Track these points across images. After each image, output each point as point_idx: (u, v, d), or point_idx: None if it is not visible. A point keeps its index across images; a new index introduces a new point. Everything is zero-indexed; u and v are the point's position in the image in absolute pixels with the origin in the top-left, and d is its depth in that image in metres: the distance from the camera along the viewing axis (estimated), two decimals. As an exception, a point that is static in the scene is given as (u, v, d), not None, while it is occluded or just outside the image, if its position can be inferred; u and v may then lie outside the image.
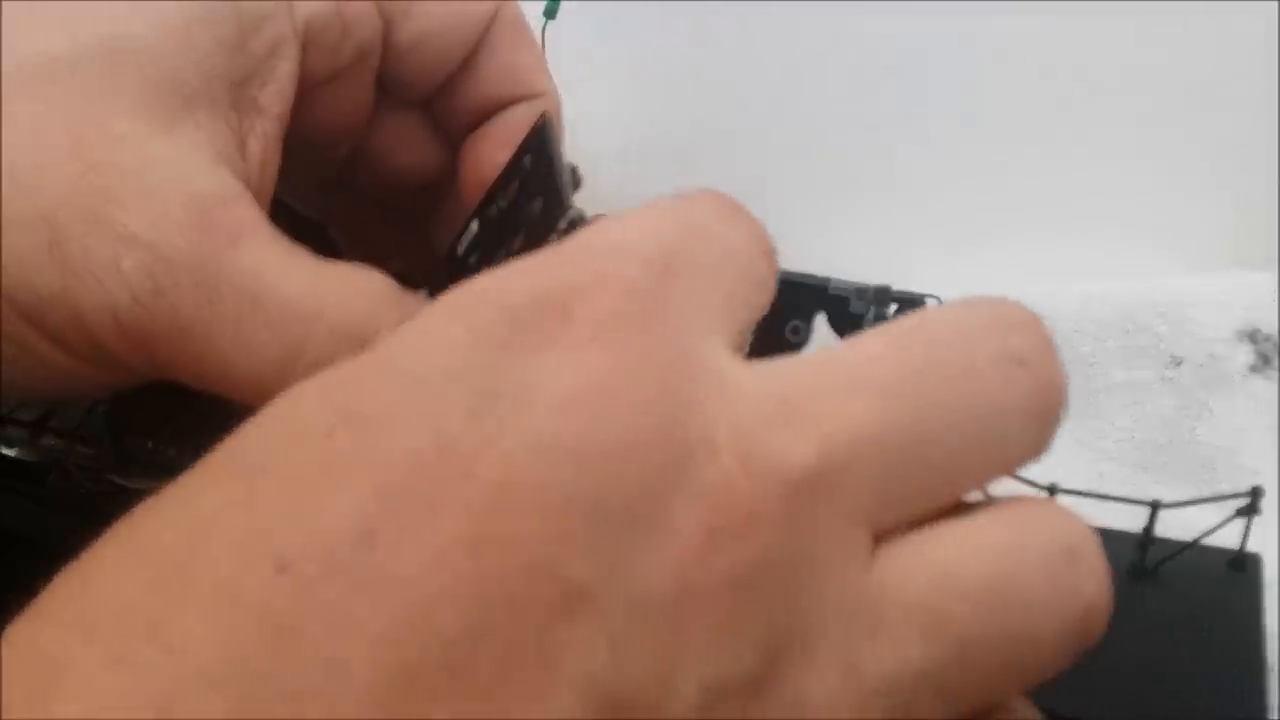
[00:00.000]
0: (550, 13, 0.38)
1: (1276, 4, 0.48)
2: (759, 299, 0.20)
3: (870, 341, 0.19)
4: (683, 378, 0.17)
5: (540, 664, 0.15)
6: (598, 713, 0.15)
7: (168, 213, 0.24)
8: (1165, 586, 0.33)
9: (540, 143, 0.29)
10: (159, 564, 0.16)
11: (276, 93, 0.26)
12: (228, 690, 0.14)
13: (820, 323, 0.36)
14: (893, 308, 0.39)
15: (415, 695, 0.15)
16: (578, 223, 0.31)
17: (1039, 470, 0.33)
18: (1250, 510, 0.32)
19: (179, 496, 0.17)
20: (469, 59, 0.31)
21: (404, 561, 0.15)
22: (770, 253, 0.21)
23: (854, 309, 0.38)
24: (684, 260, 0.19)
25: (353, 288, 0.25)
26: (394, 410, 0.16)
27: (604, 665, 0.15)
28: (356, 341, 0.24)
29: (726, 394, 0.17)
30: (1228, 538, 0.33)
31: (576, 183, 0.31)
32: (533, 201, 0.30)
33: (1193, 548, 0.33)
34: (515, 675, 0.15)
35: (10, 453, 0.32)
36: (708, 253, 0.19)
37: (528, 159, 0.29)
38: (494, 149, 0.30)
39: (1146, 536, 0.33)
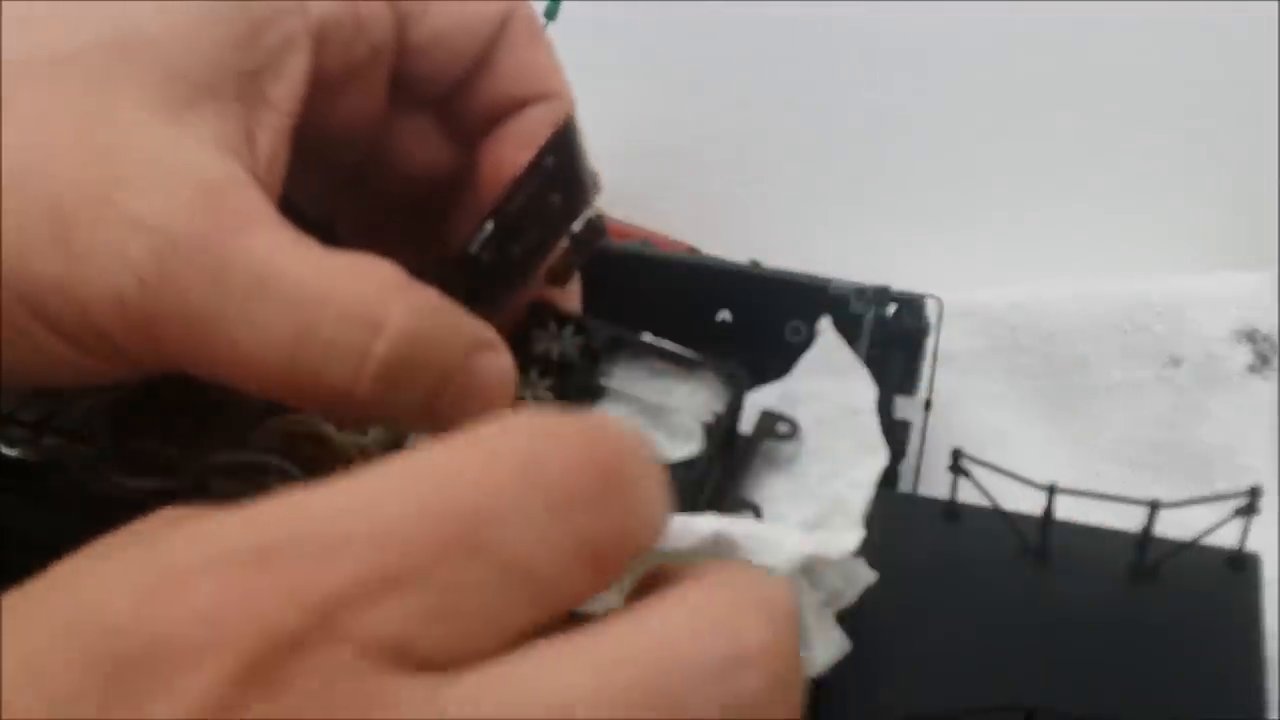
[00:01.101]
0: (551, 14, 0.38)
1: (1276, 4, 0.48)
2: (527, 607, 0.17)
3: (561, 664, 0.17)
4: None
5: None
6: None
7: (175, 197, 0.23)
8: (1164, 586, 0.33)
9: (564, 144, 0.29)
10: None
11: (287, 88, 0.26)
12: None
13: (826, 325, 0.37)
14: (892, 307, 0.39)
15: None
16: (594, 223, 0.32)
17: (1038, 470, 0.34)
18: (1249, 510, 0.32)
19: None
20: (483, 58, 0.30)
21: None
22: (595, 557, 0.17)
23: (854, 309, 0.39)
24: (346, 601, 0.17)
25: (361, 272, 0.25)
26: None
27: None
28: (365, 325, 0.24)
29: None
30: (1226, 537, 0.33)
31: (597, 187, 0.31)
32: (550, 197, 0.30)
33: (1192, 547, 0.33)
34: None
35: (12, 453, 0.32)
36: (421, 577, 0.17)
37: (550, 160, 0.29)
38: (513, 150, 0.30)
39: (1145, 536, 0.33)
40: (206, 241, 0.23)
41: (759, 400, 0.35)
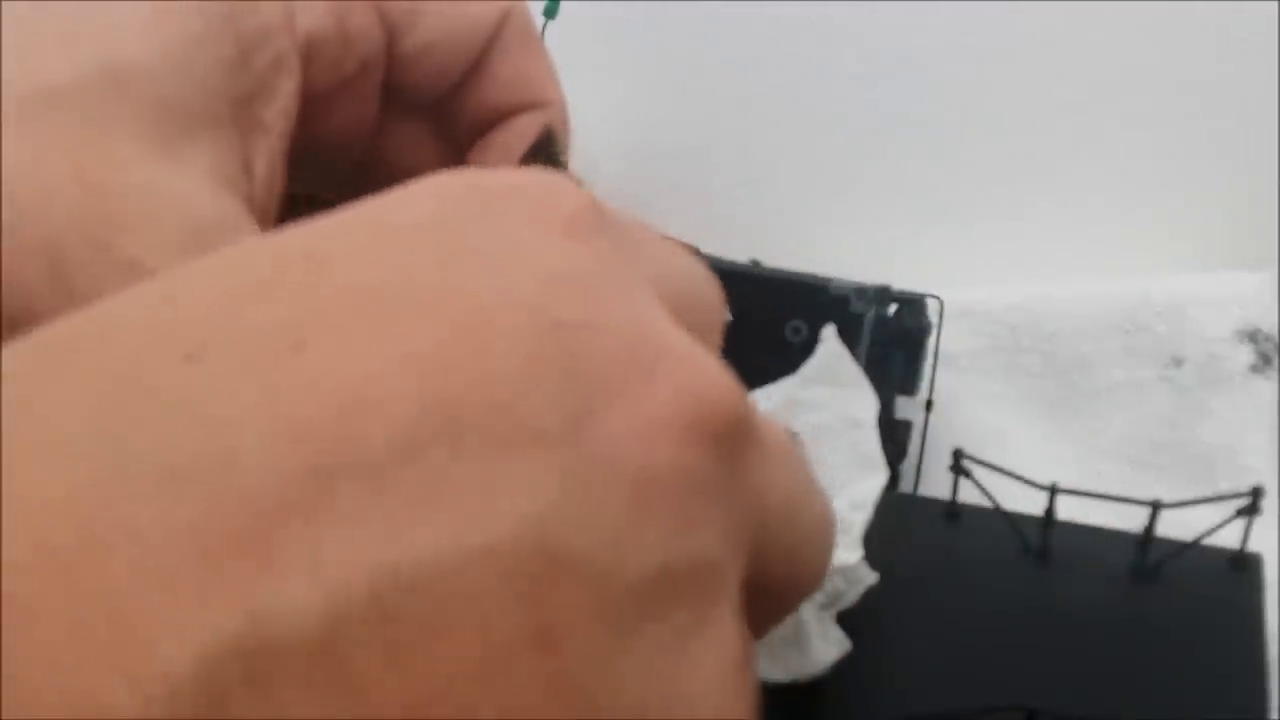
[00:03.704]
0: (550, 13, 0.38)
1: (1276, 4, 0.48)
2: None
3: None
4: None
5: (479, 490, 0.14)
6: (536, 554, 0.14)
7: (167, 238, 0.23)
8: (1166, 586, 0.33)
9: (543, 155, 0.29)
10: (52, 344, 0.15)
11: (280, 110, 0.26)
12: (87, 455, 0.13)
13: (830, 334, 0.36)
14: (893, 307, 0.39)
15: (320, 491, 0.13)
16: None
17: (1039, 470, 0.34)
18: (1251, 510, 0.32)
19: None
20: (477, 66, 0.30)
21: (335, 370, 0.14)
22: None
23: (854, 309, 0.39)
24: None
25: None
26: (357, 251, 0.16)
27: (553, 508, 0.14)
28: None
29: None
30: (1228, 537, 0.33)
31: None
32: None
33: (1193, 547, 0.33)
34: (446, 495, 0.14)
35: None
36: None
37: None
38: (499, 158, 0.30)
39: (1147, 536, 0.33)
40: None
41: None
